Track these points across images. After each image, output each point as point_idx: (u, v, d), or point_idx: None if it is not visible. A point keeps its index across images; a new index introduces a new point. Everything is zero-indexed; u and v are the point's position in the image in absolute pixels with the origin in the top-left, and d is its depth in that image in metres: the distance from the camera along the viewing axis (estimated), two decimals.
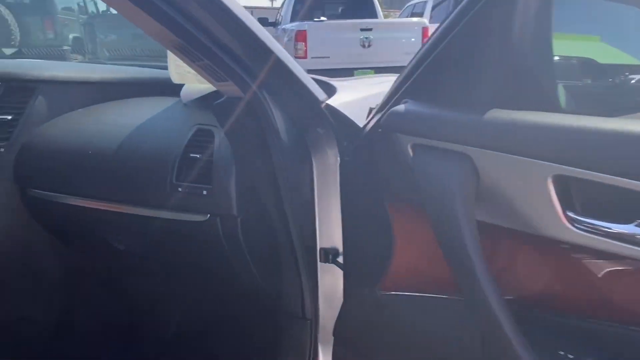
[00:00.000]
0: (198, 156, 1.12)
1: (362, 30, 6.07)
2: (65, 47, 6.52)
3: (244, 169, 1.09)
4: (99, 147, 1.20)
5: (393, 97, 0.91)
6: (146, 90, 1.47)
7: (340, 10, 7.95)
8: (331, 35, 6.05)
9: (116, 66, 1.62)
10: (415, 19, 7.12)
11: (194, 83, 1.28)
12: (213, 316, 1.47)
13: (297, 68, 0.97)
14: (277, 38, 5.87)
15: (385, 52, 6.07)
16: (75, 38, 6.95)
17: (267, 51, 0.90)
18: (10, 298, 1.41)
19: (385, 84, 1.53)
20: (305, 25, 6.10)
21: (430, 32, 6.40)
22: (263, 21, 6.93)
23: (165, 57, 1.28)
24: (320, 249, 1.08)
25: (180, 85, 1.33)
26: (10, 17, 6.25)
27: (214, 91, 1.25)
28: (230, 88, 0.97)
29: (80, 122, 1.32)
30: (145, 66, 1.62)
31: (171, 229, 1.16)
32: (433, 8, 8.38)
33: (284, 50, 0.95)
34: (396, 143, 0.84)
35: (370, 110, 1.05)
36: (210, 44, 0.87)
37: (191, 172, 1.12)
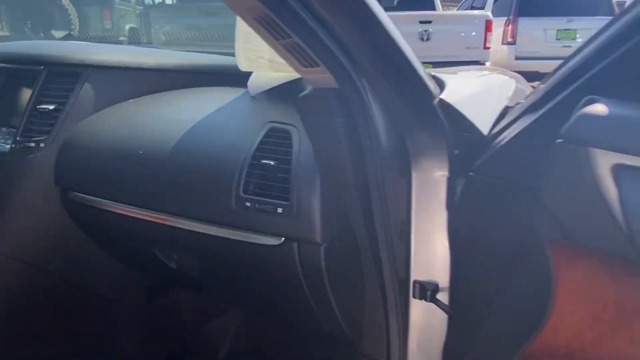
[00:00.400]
0: (272, 163, 0.89)
1: (421, 22, 5.89)
2: (121, 38, 6.67)
3: (330, 181, 0.86)
4: (152, 147, 1.01)
5: (558, 93, 0.64)
6: (208, 79, 1.27)
7: (396, 1, 7.68)
8: None
9: (174, 51, 1.42)
10: (477, 12, 6.78)
11: (267, 71, 1.05)
12: (278, 357, 1.25)
13: (409, 51, 0.73)
14: None
15: (446, 46, 5.91)
16: (131, 29, 7.08)
17: (378, 28, 0.67)
18: (47, 309, 1.26)
19: (490, 76, 1.27)
20: None
21: (494, 26, 6.04)
22: None
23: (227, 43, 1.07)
24: (414, 281, 0.88)
25: (248, 75, 1.11)
26: (70, 7, 6.48)
27: (290, 82, 1.04)
28: (319, 76, 0.75)
29: (131, 116, 1.13)
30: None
31: (234, 251, 0.94)
32: (495, 1, 7.89)
33: (396, 29, 0.71)
34: (581, 160, 0.57)
35: (506, 109, 0.80)
36: (304, 14, 0.64)
37: (263, 184, 0.90)
